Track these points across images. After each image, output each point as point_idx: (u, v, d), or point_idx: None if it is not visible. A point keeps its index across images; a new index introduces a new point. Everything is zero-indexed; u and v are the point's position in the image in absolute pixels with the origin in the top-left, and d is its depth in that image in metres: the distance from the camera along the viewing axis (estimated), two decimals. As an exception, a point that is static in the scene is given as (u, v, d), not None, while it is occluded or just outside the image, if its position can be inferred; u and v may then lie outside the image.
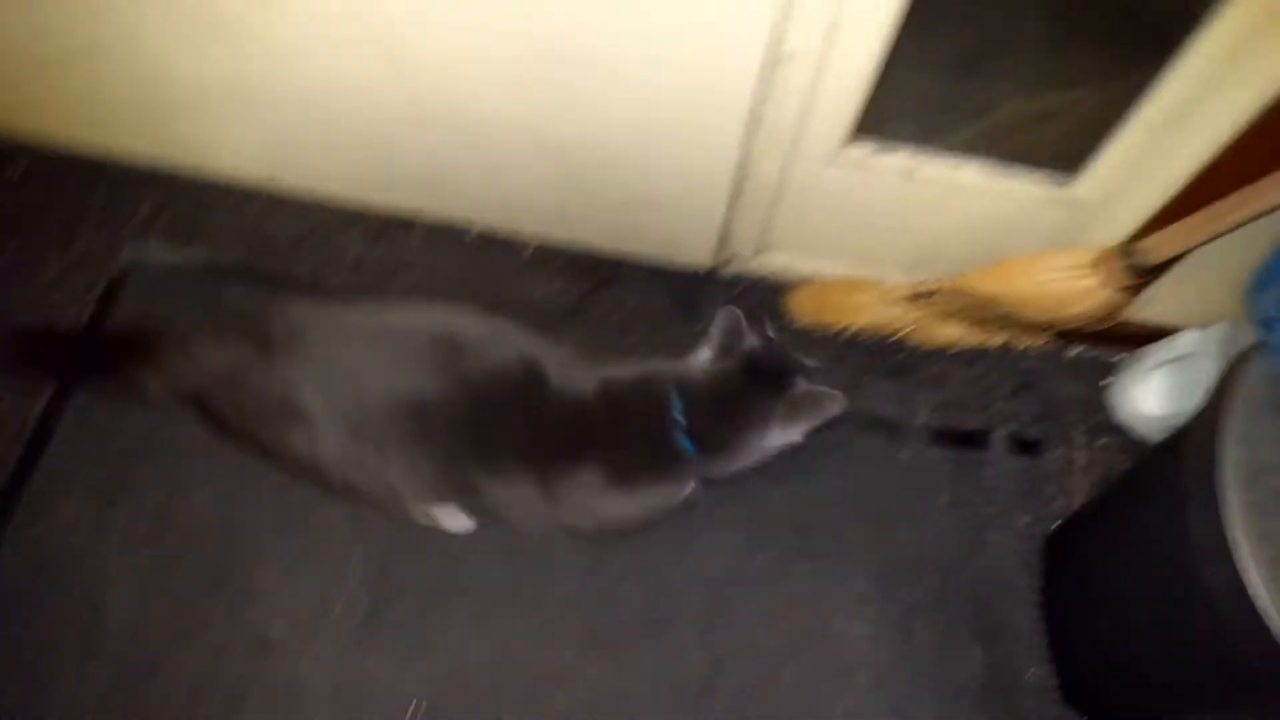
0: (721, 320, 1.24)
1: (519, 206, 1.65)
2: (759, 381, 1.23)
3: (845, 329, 1.67)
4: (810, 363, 1.29)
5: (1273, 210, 1.15)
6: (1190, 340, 1.48)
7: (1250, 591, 0.93)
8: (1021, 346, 1.69)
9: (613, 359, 1.26)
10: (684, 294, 1.72)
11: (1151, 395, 1.58)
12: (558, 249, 1.74)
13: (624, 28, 1.17)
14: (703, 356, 1.26)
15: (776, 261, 1.71)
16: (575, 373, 1.19)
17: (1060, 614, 1.49)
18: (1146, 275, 1.34)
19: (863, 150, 1.42)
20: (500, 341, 1.19)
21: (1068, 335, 1.66)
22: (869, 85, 1.27)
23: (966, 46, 1.33)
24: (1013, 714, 1.44)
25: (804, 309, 1.69)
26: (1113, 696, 1.41)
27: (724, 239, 1.64)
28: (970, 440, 1.62)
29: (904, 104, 1.38)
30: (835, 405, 1.23)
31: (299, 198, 1.75)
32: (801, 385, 1.25)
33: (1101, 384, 1.69)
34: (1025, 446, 1.62)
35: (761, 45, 1.15)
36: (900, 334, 1.67)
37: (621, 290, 1.72)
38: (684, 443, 1.19)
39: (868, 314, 1.63)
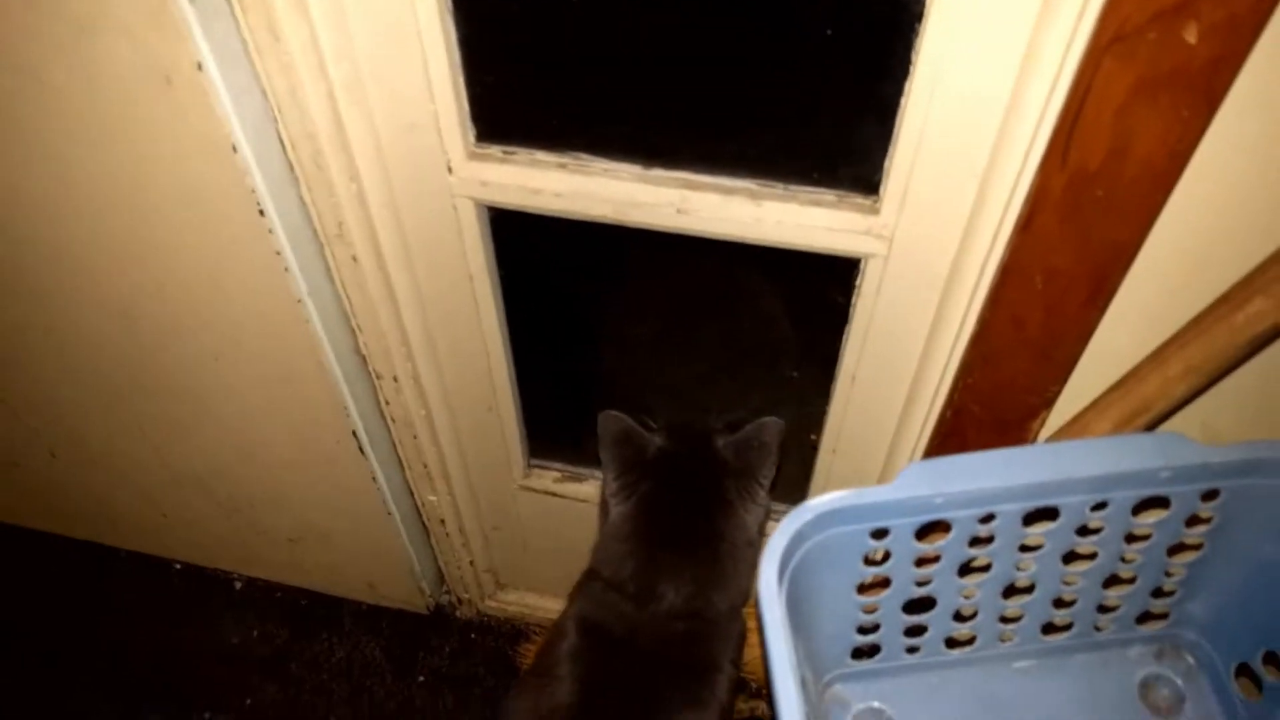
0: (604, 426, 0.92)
1: (197, 542, 1.42)
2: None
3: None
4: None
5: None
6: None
7: None
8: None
9: None
10: (405, 641, 1.43)
11: None
12: (271, 583, 1.50)
13: (189, 348, 1.00)
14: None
15: (514, 603, 1.43)
16: None
17: None
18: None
19: (548, 476, 1.19)
20: None
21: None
22: (514, 413, 1.07)
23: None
24: None
25: (542, 662, 1.38)
26: None
27: (433, 579, 1.38)
28: None
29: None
30: (774, 428, 0.90)
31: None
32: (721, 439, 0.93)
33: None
34: None
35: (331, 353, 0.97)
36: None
37: (332, 637, 1.44)
38: None
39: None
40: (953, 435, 0.86)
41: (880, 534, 0.56)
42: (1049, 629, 0.67)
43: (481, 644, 1.43)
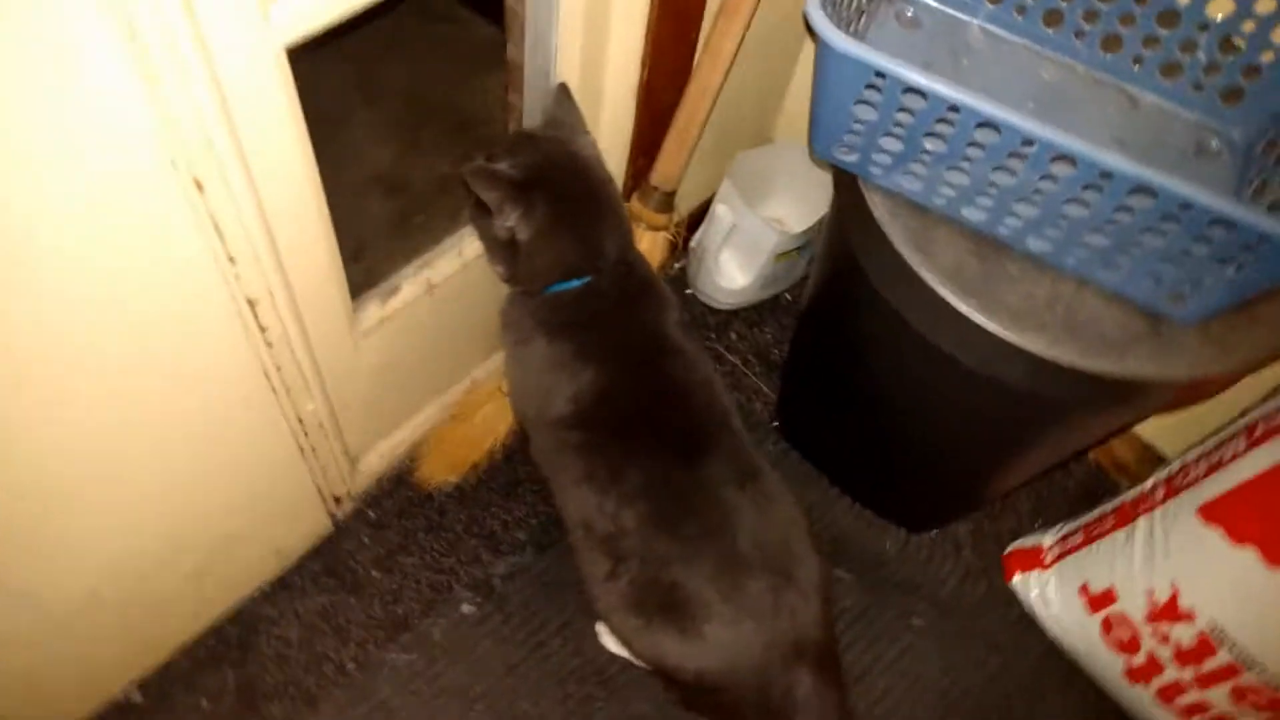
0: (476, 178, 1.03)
1: (78, 693, 1.20)
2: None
3: (493, 448, 1.49)
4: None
5: (719, 91, 1.20)
6: (723, 212, 1.53)
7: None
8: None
9: None
10: (330, 570, 1.41)
11: (733, 271, 1.64)
12: (168, 662, 1.32)
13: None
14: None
15: (374, 462, 1.45)
16: None
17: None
18: (672, 199, 1.34)
19: (373, 306, 1.22)
20: None
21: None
22: (334, 264, 1.07)
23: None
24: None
25: (438, 470, 1.47)
26: (916, 504, 1.50)
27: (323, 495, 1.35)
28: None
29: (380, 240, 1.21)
30: (563, 89, 1.14)
31: None
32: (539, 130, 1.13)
33: (687, 293, 1.73)
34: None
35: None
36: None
37: (272, 631, 1.35)
38: None
39: (501, 419, 1.47)
40: None
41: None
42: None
43: (386, 507, 1.46)
